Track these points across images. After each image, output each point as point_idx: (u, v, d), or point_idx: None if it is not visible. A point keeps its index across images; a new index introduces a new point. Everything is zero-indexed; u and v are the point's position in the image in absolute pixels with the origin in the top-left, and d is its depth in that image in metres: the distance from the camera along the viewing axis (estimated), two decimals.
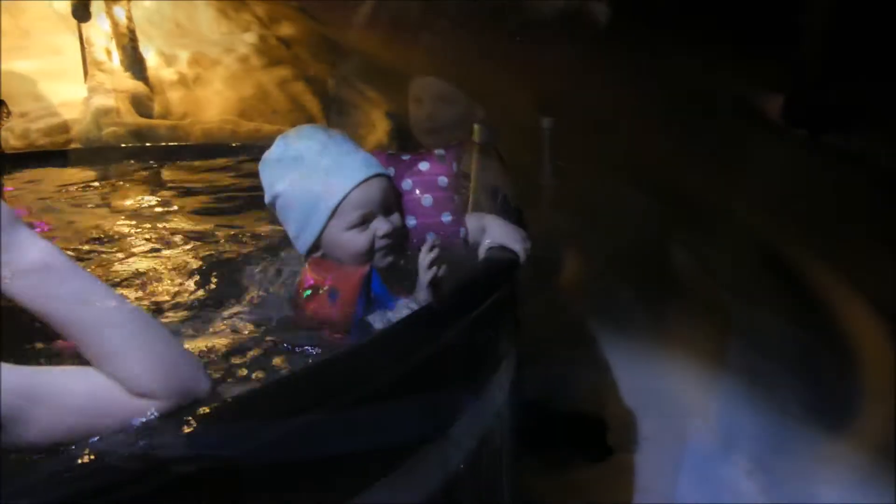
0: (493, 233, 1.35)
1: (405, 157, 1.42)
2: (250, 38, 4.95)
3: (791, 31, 4.71)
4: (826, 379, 2.57)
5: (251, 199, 2.25)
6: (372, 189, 1.26)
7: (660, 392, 2.51)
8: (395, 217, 1.31)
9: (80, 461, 0.65)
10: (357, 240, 1.25)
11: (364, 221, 1.26)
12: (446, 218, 1.38)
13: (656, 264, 3.01)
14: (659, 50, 5.11)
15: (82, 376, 0.77)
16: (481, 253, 1.33)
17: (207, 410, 0.76)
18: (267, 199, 1.33)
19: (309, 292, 1.18)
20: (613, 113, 4.33)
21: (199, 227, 1.99)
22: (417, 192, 1.38)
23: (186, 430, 0.73)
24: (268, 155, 1.33)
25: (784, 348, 2.66)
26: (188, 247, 1.79)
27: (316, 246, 1.29)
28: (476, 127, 1.61)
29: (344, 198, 1.24)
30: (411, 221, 1.37)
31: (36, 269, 0.75)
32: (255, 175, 2.59)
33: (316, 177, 1.25)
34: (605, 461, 2.38)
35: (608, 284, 2.91)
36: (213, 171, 2.78)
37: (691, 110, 4.43)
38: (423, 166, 1.40)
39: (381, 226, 1.27)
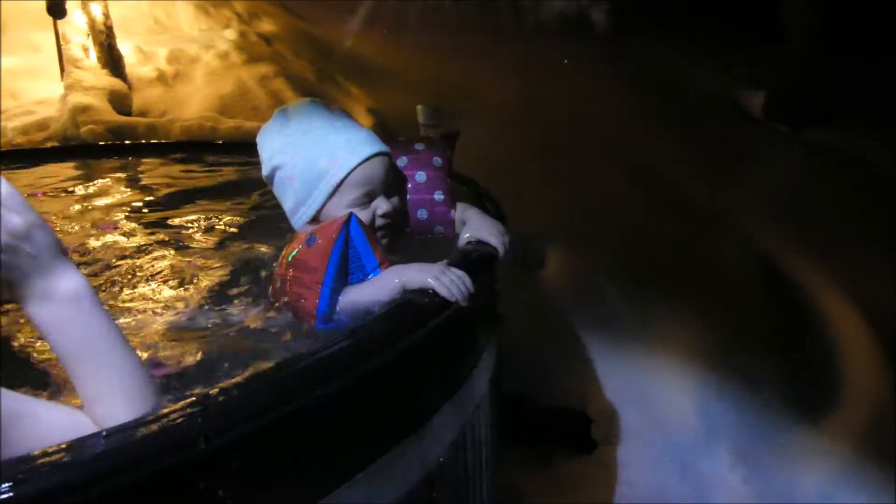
0: (473, 226, 1.34)
1: (401, 139, 1.45)
2: (230, 34, 4.91)
3: (773, 29, 4.77)
4: (807, 372, 2.59)
5: (232, 196, 2.23)
6: (376, 167, 1.26)
7: (643, 387, 2.51)
8: (396, 199, 1.30)
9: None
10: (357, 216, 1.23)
11: (366, 199, 1.25)
12: (438, 196, 1.40)
13: (641, 261, 3.02)
14: (647, 50, 5.16)
15: (65, 414, 0.78)
16: (460, 246, 1.32)
17: (183, 405, 0.75)
18: (265, 172, 1.30)
19: (293, 253, 1.15)
20: (603, 112, 4.35)
21: (178, 225, 1.96)
22: (411, 168, 1.40)
23: (163, 425, 0.72)
24: (268, 126, 1.31)
25: (765, 341, 2.68)
26: (167, 245, 1.77)
27: (313, 221, 1.27)
28: (419, 108, 1.62)
29: (349, 174, 1.23)
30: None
31: (68, 299, 0.76)
32: (236, 173, 2.57)
33: (321, 150, 1.24)
34: (590, 455, 2.38)
35: (593, 280, 2.92)
36: (194, 168, 2.75)
37: (679, 108, 4.47)
38: (419, 146, 1.44)
39: (381, 205, 1.26)
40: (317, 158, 1.24)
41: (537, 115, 4.32)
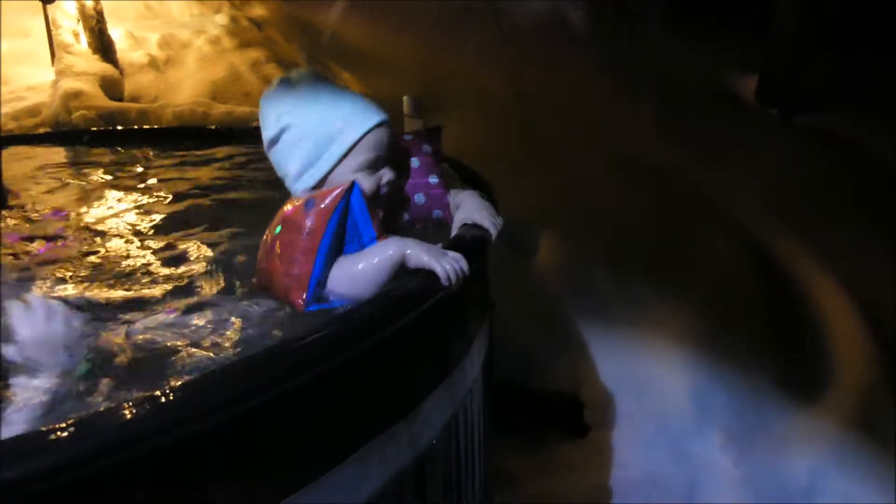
0: (466, 208, 1.34)
1: None
2: (221, 19, 4.87)
3: (763, 11, 4.75)
4: (798, 356, 2.61)
5: (224, 182, 2.22)
6: (385, 135, 1.26)
7: (636, 371, 2.53)
8: (398, 173, 1.32)
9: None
10: (364, 183, 1.22)
11: (373, 165, 1.25)
12: (433, 179, 1.41)
13: (631, 245, 3.03)
14: (640, 38, 5.13)
15: None
16: (454, 230, 1.32)
17: (170, 388, 0.76)
18: (271, 133, 1.26)
19: (286, 213, 1.10)
20: (593, 100, 4.34)
21: (171, 210, 1.96)
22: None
23: (146, 408, 0.73)
24: (273, 91, 1.28)
25: (757, 327, 2.70)
26: (159, 230, 1.76)
27: (318, 186, 1.24)
28: (405, 99, 1.63)
29: (363, 136, 1.23)
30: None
31: None
32: (228, 159, 2.55)
33: (334, 112, 1.23)
34: (583, 439, 2.40)
35: (584, 265, 2.92)
36: (186, 154, 2.73)
37: (671, 97, 4.46)
38: (407, 137, 1.45)
39: (387, 174, 1.27)
40: (330, 119, 1.23)
41: (528, 103, 4.30)
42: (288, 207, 1.13)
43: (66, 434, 0.66)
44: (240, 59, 4.38)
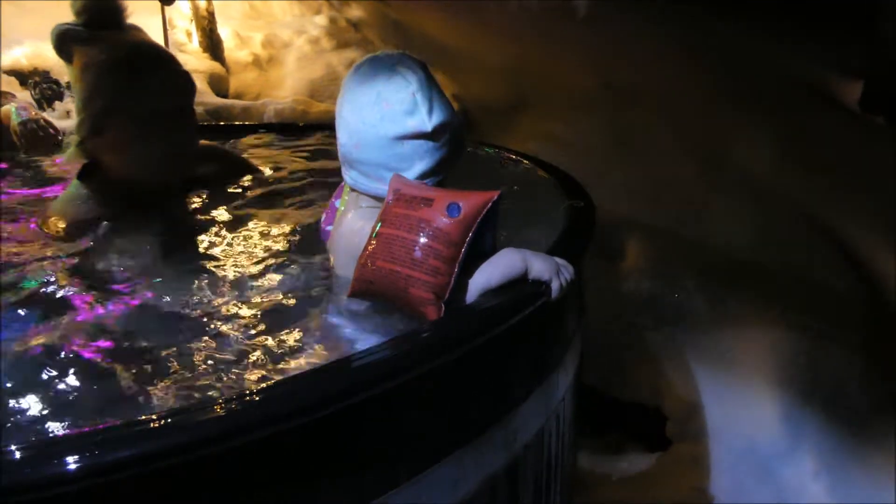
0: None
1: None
2: (321, 20, 5.03)
3: (869, 13, 4.47)
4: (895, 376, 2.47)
5: (323, 177, 2.30)
6: None
7: (722, 386, 2.47)
8: None
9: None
10: None
11: None
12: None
13: (721, 251, 2.95)
14: (731, 34, 4.94)
15: None
16: None
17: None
18: (421, 127, 1.14)
19: (433, 223, 1.01)
20: (686, 100, 4.23)
21: (273, 204, 2.05)
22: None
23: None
24: (410, 72, 1.17)
25: (853, 345, 2.57)
26: (264, 222, 1.86)
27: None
28: None
29: None
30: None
31: None
32: (327, 155, 2.64)
33: (460, 119, 1.23)
34: (664, 452, 2.36)
35: (672, 271, 2.86)
36: (287, 149, 2.85)
37: (766, 96, 4.29)
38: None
39: None
40: (462, 126, 1.22)
41: (618, 102, 4.23)
42: (423, 210, 1.03)
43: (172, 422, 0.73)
44: (337, 60, 4.52)
